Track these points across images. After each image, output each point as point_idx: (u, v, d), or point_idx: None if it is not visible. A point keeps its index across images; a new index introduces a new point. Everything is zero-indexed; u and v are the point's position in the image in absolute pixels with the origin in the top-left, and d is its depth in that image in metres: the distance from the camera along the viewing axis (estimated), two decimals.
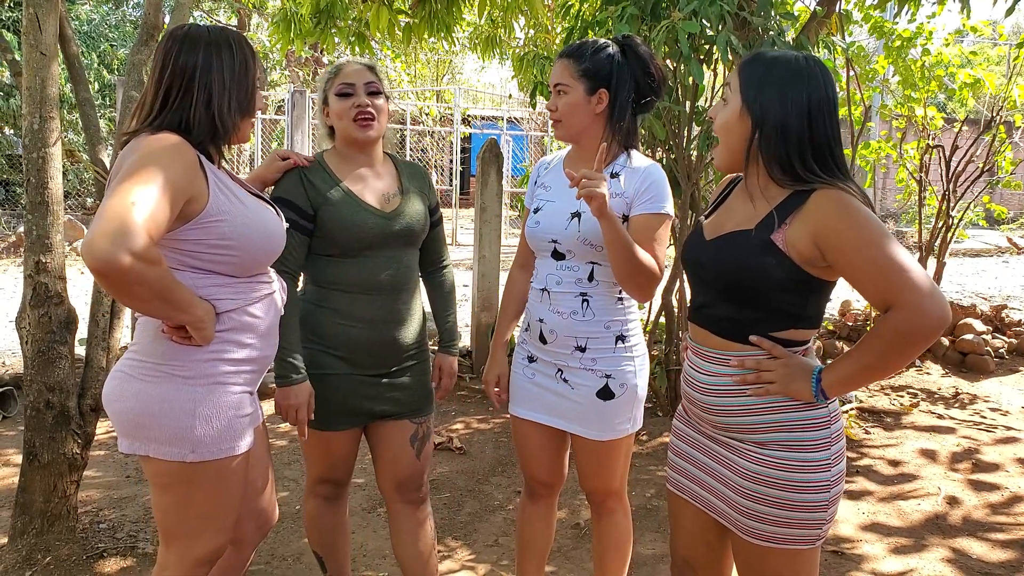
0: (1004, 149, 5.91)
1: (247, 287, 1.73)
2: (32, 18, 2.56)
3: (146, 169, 1.49)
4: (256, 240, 1.69)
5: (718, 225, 1.64)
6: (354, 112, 2.05)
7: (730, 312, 1.59)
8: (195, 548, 1.73)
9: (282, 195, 2.05)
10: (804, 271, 1.50)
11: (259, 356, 1.77)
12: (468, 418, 4.60)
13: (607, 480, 2.16)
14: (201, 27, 1.71)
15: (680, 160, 4.02)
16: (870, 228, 1.43)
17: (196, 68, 1.65)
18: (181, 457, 1.65)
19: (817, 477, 1.53)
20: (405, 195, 2.16)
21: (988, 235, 14.36)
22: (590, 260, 2.04)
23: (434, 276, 2.33)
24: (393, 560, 2.89)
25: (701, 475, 1.70)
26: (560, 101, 2.04)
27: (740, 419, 1.58)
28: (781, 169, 1.52)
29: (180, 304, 1.55)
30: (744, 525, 1.58)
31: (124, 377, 1.69)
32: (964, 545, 3.11)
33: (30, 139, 2.60)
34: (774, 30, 3.61)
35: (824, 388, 1.51)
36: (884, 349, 1.45)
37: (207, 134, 1.66)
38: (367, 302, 2.08)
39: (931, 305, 1.39)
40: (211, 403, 1.67)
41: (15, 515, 2.76)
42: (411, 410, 2.21)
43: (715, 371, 1.61)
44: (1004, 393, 5.16)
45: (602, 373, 2.05)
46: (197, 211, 1.60)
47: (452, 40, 5.11)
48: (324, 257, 2.08)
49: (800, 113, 1.50)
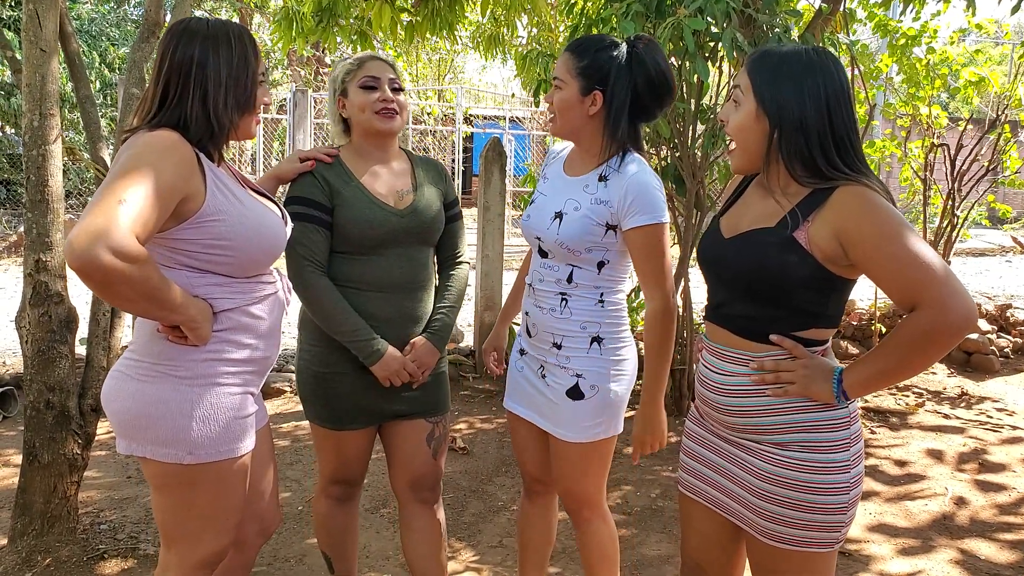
0: (1009, 148, 5.88)
1: (247, 286, 1.70)
2: (32, 14, 2.54)
3: (138, 167, 1.46)
4: (254, 240, 1.66)
5: (736, 223, 1.61)
6: (379, 105, 2.05)
7: (749, 311, 1.56)
8: (196, 551, 1.71)
9: (300, 193, 2.05)
10: (826, 269, 1.47)
11: (260, 357, 1.74)
12: (471, 418, 4.58)
13: (579, 486, 2.10)
14: (201, 21, 1.67)
15: (685, 158, 4.00)
16: (892, 224, 1.39)
17: (192, 63, 1.61)
18: (178, 459, 1.63)
19: (837, 479, 1.50)
20: (419, 191, 2.14)
21: (992, 234, 14.33)
22: (569, 262, 2.00)
23: (447, 270, 2.28)
24: (397, 561, 2.87)
25: (715, 476, 1.67)
26: (556, 96, 2.00)
27: (759, 419, 1.55)
28: (803, 166, 1.48)
29: (169, 304, 1.52)
30: (760, 526, 1.56)
31: (121, 377, 1.67)
32: (972, 546, 3.09)
33: (30, 136, 2.58)
34: (779, 27, 3.59)
35: (846, 389, 1.48)
36: (908, 349, 1.41)
37: (204, 131, 1.62)
38: (381, 300, 2.06)
39: (957, 304, 1.34)
40: (209, 404, 1.64)
41: (15, 516, 2.74)
42: (426, 409, 2.18)
43: (733, 371, 1.58)
44: (1009, 392, 5.13)
45: (574, 372, 2.02)
46: (193, 210, 1.57)
47: (455, 38, 5.09)
48: (338, 254, 2.07)
49: (818, 107, 1.47)
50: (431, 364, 2.12)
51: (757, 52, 1.57)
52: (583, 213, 1.96)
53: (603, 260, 1.99)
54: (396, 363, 2.04)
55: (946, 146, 5.73)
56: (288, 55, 14.40)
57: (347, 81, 2.09)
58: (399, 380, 2.05)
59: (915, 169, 6.08)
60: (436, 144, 15.96)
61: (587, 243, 1.96)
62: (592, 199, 1.96)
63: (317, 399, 2.13)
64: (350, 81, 2.08)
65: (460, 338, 6.09)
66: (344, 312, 2.00)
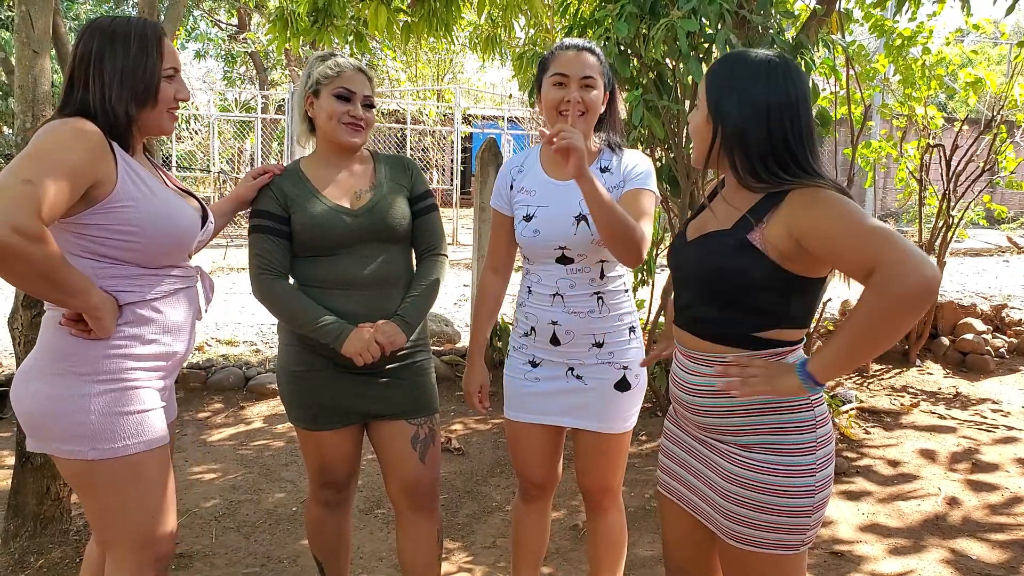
0: (1005, 148, 5.88)
1: (153, 279, 1.71)
2: (25, 15, 2.54)
3: (46, 149, 1.51)
4: (162, 228, 1.68)
5: (700, 226, 1.64)
6: (347, 118, 2.07)
7: (712, 313, 1.57)
8: (133, 551, 1.69)
9: (257, 207, 2.10)
10: (784, 269, 1.48)
11: (166, 352, 1.74)
12: (466, 419, 4.58)
13: (608, 476, 2.17)
14: (108, 18, 1.72)
15: (679, 159, 4.00)
16: (842, 204, 1.41)
17: (91, 56, 1.66)
18: (81, 455, 1.63)
19: (801, 482, 1.51)
20: (378, 190, 2.13)
21: (988, 235, 14.33)
22: (600, 258, 2.06)
23: (420, 262, 2.23)
24: (390, 562, 2.88)
25: (688, 477, 1.69)
26: (589, 96, 2.02)
27: (724, 420, 1.57)
28: (747, 171, 1.51)
29: (68, 287, 1.53)
30: (726, 528, 1.57)
31: (24, 376, 1.68)
32: (963, 546, 3.09)
33: (23, 137, 2.58)
34: (774, 28, 3.59)
35: (812, 373, 1.43)
36: (870, 318, 1.34)
37: (104, 121, 1.65)
38: (346, 298, 2.06)
39: (915, 260, 1.29)
40: (110, 399, 1.64)
41: (7, 518, 2.74)
42: (406, 411, 2.15)
43: (700, 371, 1.60)
44: (1004, 393, 5.14)
45: (620, 365, 2.09)
46: (104, 195, 1.60)
47: (451, 39, 5.09)
48: (302, 258, 2.09)
49: (758, 117, 1.49)
50: (399, 342, 2.04)
51: (721, 58, 1.60)
52: None
53: None
54: (364, 338, 1.99)
55: (942, 147, 5.74)
56: (286, 55, 14.39)
57: (322, 84, 2.08)
58: (369, 355, 1.98)
59: (911, 170, 6.08)
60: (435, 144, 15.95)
61: None
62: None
63: (295, 399, 2.14)
64: (325, 85, 2.07)
65: (457, 338, 6.09)
66: (305, 306, 2.02)
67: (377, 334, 2.01)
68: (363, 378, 2.10)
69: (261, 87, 16.85)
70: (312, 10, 4.75)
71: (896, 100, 6.00)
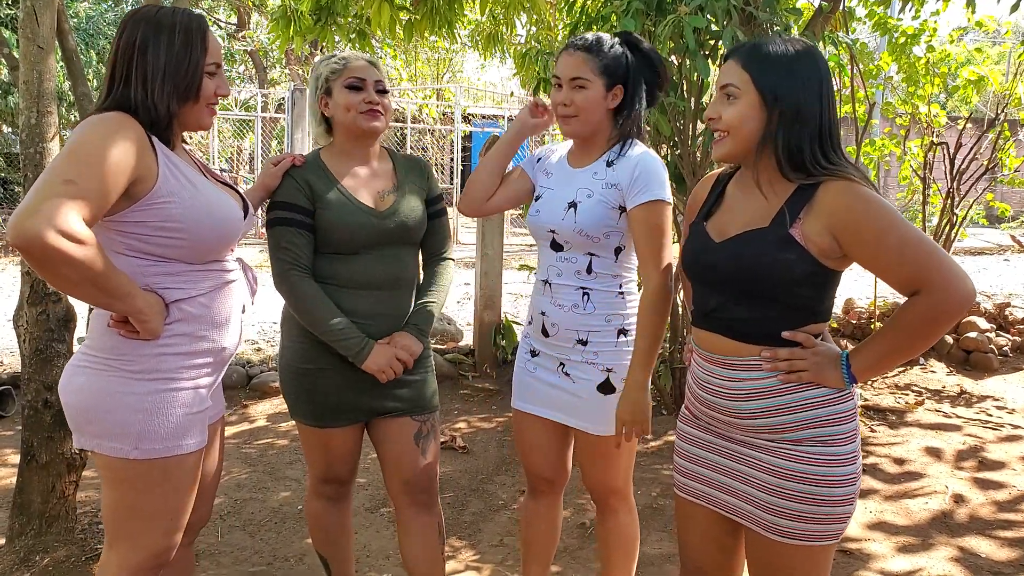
0: (1008, 147, 5.88)
1: (200, 275, 1.68)
2: (29, 11, 2.53)
3: (87, 147, 1.46)
4: (205, 223, 1.64)
5: (723, 227, 1.61)
6: (364, 106, 2.05)
7: (745, 313, 1.56)
8: (138, 552, 1.68)
9: (281, 198, 2.06)
10: (821, 264, 1.49)
11: (214, 348, 1.72)
12: (471, 417, 4.57)
13: (608, 476, 2.15)
14: (153, 8, 1.66)
15: (685, 156, 3.99)
16: (886, 214, 1.43)
17: (135, 49, 1.61)
18: (124, 454, 1.61)
19: (845, 471, 1.54)
20: (400, 192, 2.14)
21: (990, 233, 14.34)
22: (588, 251, 2.03)
23: (431, 267, 2.26)
24: (396, 560, 2.86)
25: (714, 476, 1.67)
26: (578, 96, 1.99)
27: (773, 419, 1.56)
28: (791, 159, 1.50)
29: (114, 291, 1.50)
30: (768, 522, 1.56)
31: (74, 370, 1.66)
32: (971, 544, 3.08)
33: (27, 134, 2.57)
34: (779, 25, 3.59)
35: (855, 373, 1.52)
36: (912, 331, 1.46)
37: (147, 116, 1.61)
38: (362, 298, 2.06)
39: (959, 285, 1.40)
40: (158, 399, 1.62)
41: (13, 516, 2.72)
42: (412, 407, 2.16)
43: (741, 376, 1.58)
44: (1008, 391, 5.13)
45: (603, 367, 2.04)
46: (145, 191, 1.56)
47: (454, 37, 5.07)
48: (320, 254, 2.07)
49: (811, 93, 1.50)
50: (417, 351, 2.10)
51: (745, 47, 1.58)
52: (597, 199, 1.99)
53: (620, 245, 2.03)
54: (386, 354, 2.03)
55: (945, 145, 5.73)
56: (286, 54, 14.36)
57: (332, 80, 2.07)
58: (392, 372, 2.03)
59: (914, 168, 6.08)
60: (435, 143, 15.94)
61: (605, 228, 1.99)
62: (603, 184, 2.01)
63: (300, 396, 2.13)
64: (335, 80, 2.07)
65: (460, 337, 6.08)
66: (331, 314, 2.00)
67: (398, 351, 2.04)
68: (370, 376, 2.09)
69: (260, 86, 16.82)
70: (315, 8, 4.74)
71: (899, 98, 5.99)
